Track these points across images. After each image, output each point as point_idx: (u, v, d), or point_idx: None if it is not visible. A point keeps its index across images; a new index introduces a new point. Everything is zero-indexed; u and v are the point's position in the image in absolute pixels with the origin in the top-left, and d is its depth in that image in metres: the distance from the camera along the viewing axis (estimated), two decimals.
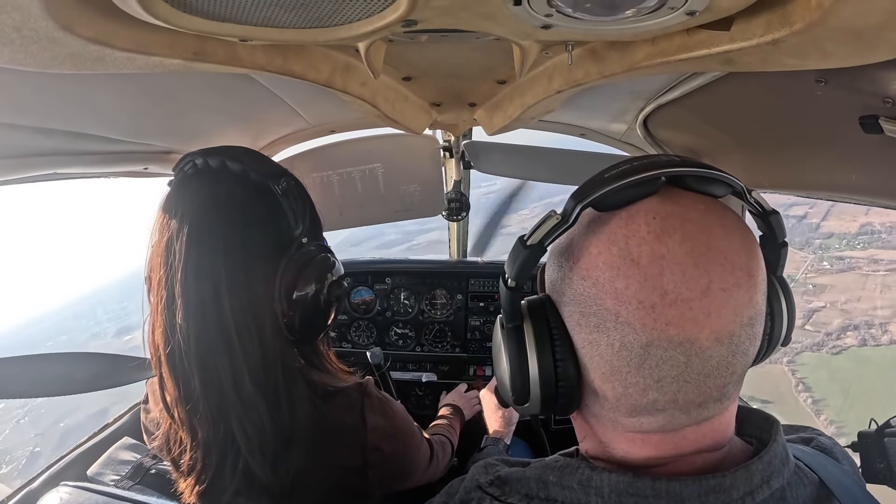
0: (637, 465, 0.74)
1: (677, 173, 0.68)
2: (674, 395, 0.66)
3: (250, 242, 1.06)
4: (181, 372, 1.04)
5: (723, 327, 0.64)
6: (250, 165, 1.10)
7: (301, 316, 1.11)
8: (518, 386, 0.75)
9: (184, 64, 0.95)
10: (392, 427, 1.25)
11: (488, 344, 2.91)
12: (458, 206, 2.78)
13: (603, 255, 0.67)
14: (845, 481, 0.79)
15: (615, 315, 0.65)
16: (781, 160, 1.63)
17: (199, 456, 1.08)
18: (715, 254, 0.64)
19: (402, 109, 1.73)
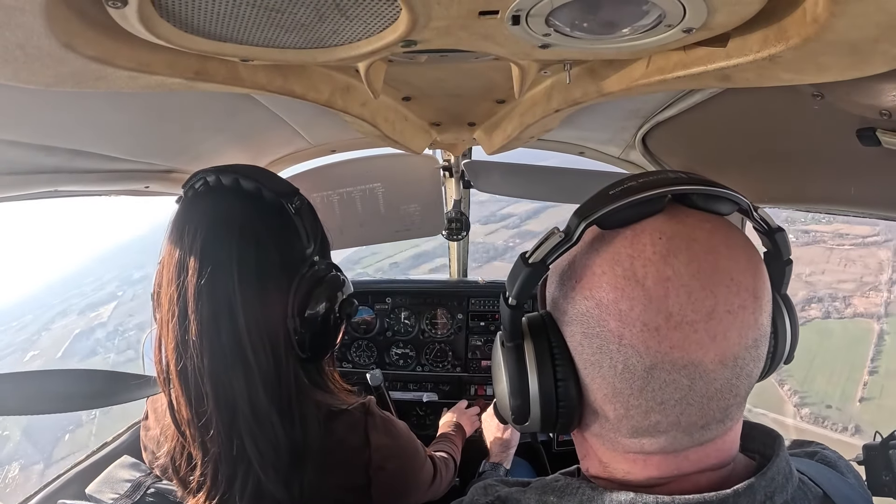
0: (638, 486, 0.72)
1: (683, 191, 0.67)
2: (677, 418, 0.65)
3: (264, 260, 1.06)
4: (194, 388, 1.04)
5: (727, 350, 0.63)
6: (264, 183, 1.10)
7: (312, 334, 1.11)
8: (518, 405, 0.73)
9: (185, 83, 0.95)
10: (396, 446, 1.25)
11: (489, 363, 2.88)
12: (458, 225, 2.77)
13: (607, 276, 0.65)
14: (850, 495, 0.78)
15: (618, 337, 0.64)
16: (780, 175, 1.64)
17: (210, 473, 1.07)
18: (721, 275, 0.63)
19: (402, 129, 1.74)
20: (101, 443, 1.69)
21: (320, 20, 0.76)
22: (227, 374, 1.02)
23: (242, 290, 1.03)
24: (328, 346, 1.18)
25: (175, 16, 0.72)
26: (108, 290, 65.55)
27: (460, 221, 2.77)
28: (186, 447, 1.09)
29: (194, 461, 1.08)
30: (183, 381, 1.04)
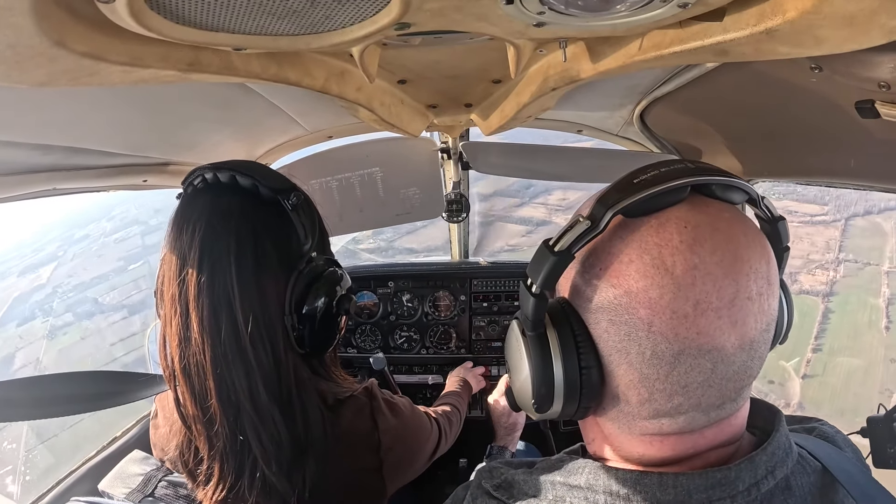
0: (654, 464, 0.74)
1: (706, 182, 0.69)
2: (698, 400, 0.68)
3: (261, 256, 1.07)
4: (197, 383, 1.05)
5: (746, 335, 0.66)
6: (260, 179, 1.10)
7: (310, 330, 1.11)
8: (542, 394, 0.74)
9: (179, 75, 0.95)
10: (402, 426, 1.28)
11: (493, 344, 2.91)
12: (457, 207, 2.77)
13: (635, 264, 0.67)
14: (849, 468, 0.79)
15: (648, 325, 0.65)
16: (779, 148, 1.63)
17: (217, 466, 1.09)
18: (741, 264, 0.65)
19: (398, 113, 1.73)
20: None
21: (312, 5, 0.76)
22: (228, 370, 1.04)
23: (241, 287, 1.03)
24: (328, 341, 1.19)
25: (165, 8, 0.71)
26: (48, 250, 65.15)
27: (460, 203, 2.77)
28: (194, 441, 1.11)
29: (201, 454, 1.10)
30: (187, 377, 1.06)
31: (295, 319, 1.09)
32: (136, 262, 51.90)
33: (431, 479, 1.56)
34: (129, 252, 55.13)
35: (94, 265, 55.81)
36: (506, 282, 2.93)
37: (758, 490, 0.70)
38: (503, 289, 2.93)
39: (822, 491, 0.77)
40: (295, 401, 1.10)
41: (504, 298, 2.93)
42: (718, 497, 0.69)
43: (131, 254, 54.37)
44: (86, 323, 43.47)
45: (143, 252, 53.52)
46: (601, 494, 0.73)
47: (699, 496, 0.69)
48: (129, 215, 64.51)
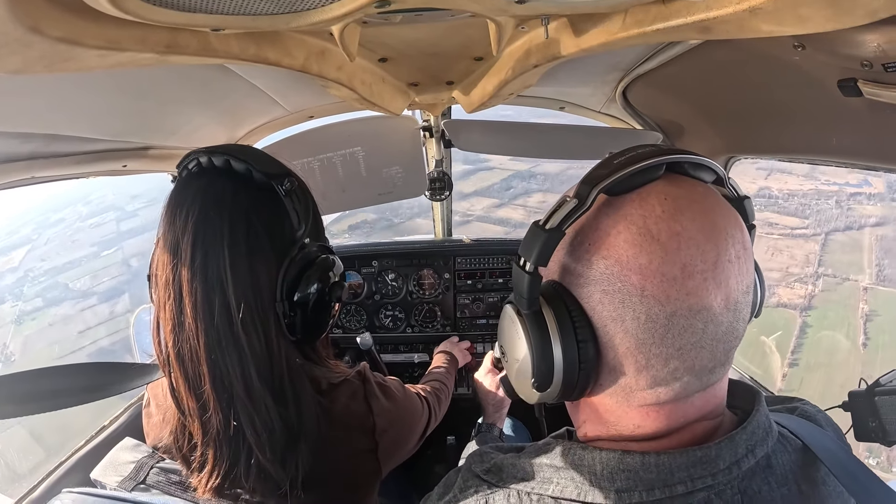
0: (644, 438, 0.76)
1: (679, 160, 0.74)
2: (692, 362, 0.70)
3: (253, 242, 1.06)
4: (191, 368, 1.05)
5: (730, 295, 0.69)
6: (254, 165, 1.09)
7: (302, 316, 1.11)
8: (543, 372, 0.76)
9: (157, 58, 0.93)
10: (395, 408, 1.30)
11: (478, 321, 2.93)
12: (440, 185, 2.76)
13: (623, 235, 0.70)
14: (829, 445, 0.82)
15: (641, 289, 0.68)
16: (761, 126, 1.65)
17: (211, 452, 1.09)
18: (719, 230, 0.69)
19: (379, 91, 1.72)
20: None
21: None
22: (221, 355, 1.03)
23: (233, 272, 1.03)
24: (320, 327, 1.19)
25: None
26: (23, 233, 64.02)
27: (442, 181, 2.77)
28: (188, 426, 1.11)
29: (195, 440, 1.10)
30: (181, 362, 1.05)
31: (287, 306, 1.08)
32: (109, 248, 51.23)
33: (421, 457, 1.58)
34: (103, 238, 54.35)
35: (67, 250, 55.01)
36: (489, 259, 2.94)
37: (738, 468, 0.73)
38: (487, 266, 2.94)
39: (803, 469, 0.80)
40: (287, 387, 1.10)
41: (488, 276, 2.94)
42: (700, 475, 0.71)
43: (105, 240, 53.62)
44: (54, 309, 42.97)
45: (117, 238, 52.75)
46: (586, 474, 0.75)
47: (681, 474, 0.71)
48: (106, 200, 63.46)
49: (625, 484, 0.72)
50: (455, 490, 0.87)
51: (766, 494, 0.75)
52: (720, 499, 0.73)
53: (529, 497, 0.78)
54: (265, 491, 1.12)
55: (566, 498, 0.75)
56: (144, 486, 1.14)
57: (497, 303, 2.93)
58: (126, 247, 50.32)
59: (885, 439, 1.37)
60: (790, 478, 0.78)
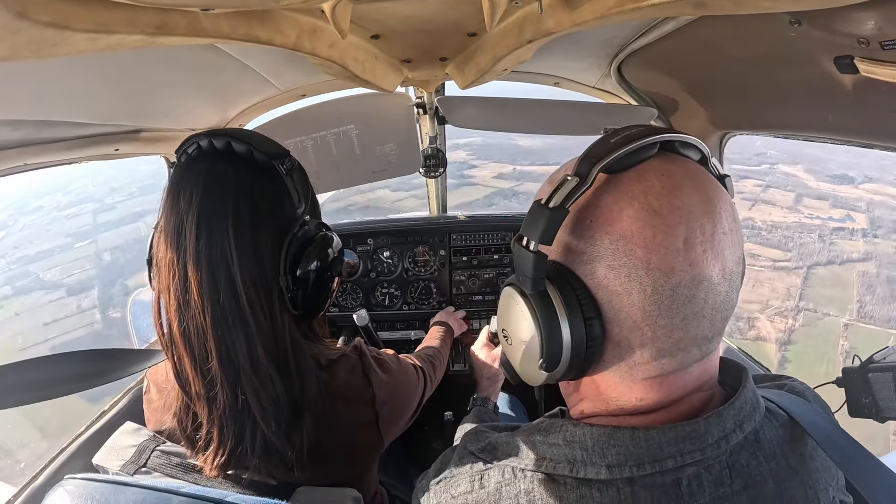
0: (647, 411, 0.78)
1: (671, 139, 0.77)
2: (695, 332, 0.73)
3: (257, 221, 1.08)
4: (197, 346, 1.07)
5: (726, 265, 0.73)
6: (255, 146, 1.10)
7: (304, 292, 1.14)
8: (552, 352, 0.76)
9: (146, 39, 0.92)
10: (393, 379, 1.33)
11: (474, 297, 2.94)
12: (434, 162, 2.75)
13: (626, 211, 0.72)
14: (816, 419, 0.84)
15: (646, 262, 0.70)
16: (757, 102, 1.64)
17: (217, 430, 1.12)
18: (714, 204, 0.73)
19: (372, 69, 1.70)
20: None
21: None
22: (228, 331, 1.06)
23: (238, 251, 1.05)
24: (321, 303, 1.21)
25: None
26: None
27: (437, 158, 2.75)
28: (192, 407, 1.13)
29: (200, 420, 1.13)
30: (186, 341, 1.08)
31: (290, 281, 1.11)
32: (83, 240, 50.84)
33: (418, 434, 1.60)
34: (78, 229, 53.94)
35: (42, 239, 54.66)
36: (484, 235, 2.95)
37: (727, 443, 0.75)
38: (482, 242, 2.94)
39: (790, 443, 0.82)
40: (291, 361, 1.12)
41: (483, 252, 2.94)
42: (689, 450, 0.73)
43: (80, 231, 53.21)
44: (22, 298, 42.76)
45: (92, 230, 52.26)
46: (578, 450, 0.77)
47: (670, 449, 0.73)
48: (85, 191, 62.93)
49: (615, 459, 0.74)
50: (451, 467, 0.90)
51: (754, 468, 0.77)
52: (709, 473, 0.75)
53: (524, 473, 0.80)
54: (270, 467, 1.15)
55: (559, 474, 0.77)
56: (146, 469, 1.16)
57: (493, 279, 2.93)
58: (100, 240, 50.11)
59: (879, 415, 1.39)
60: (778, 452, 0.80)
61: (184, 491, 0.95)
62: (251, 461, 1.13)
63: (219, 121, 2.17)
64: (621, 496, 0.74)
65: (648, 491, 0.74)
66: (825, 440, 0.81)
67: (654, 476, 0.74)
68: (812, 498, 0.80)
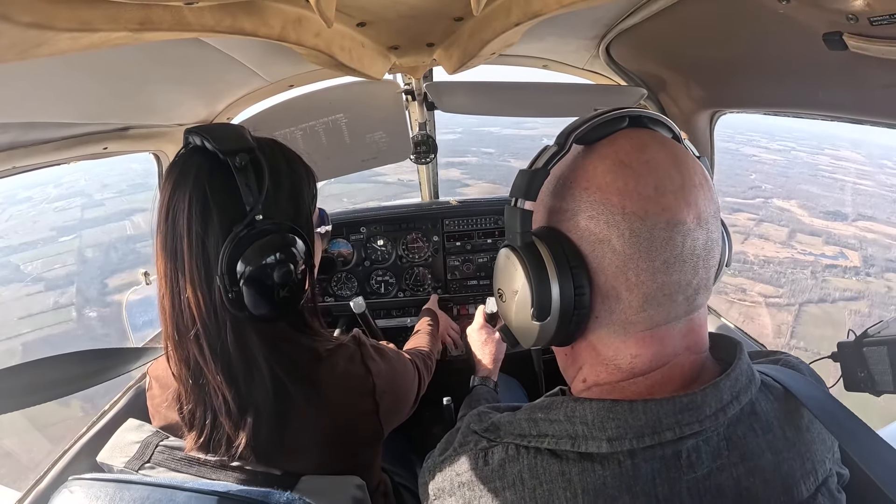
0: (640, 374, 0.81)
1: (640, 114, 0.83)
2: (678, 277, 0.76)
3: (206, 217, 1.07)
4: (171, 328, 1.12)
5: (700, 213, 0.76)
6: (218, 140, 1.08)
7: (247, 292, 1.08)
8: (541, 296, 0.80)
9: (130, 36, 0.91)
10: (391, 369, 1.35)
11: (469, 282, 2.96)
12: (425, 148, 2.74)
13: (599, 168, 0.78)
14: (813, 392, 0.86)
15: (622, 208, 0.75)
16: (747, 80, 1.64)
17: (199, 412, 1.16)
18: (682, 161, 0.78)
19: (359, 56, 1.69)
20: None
21: None
22: (182, 319, 1.10)
23: (188, 245, 1.07)
24: (279, 305, 1.14)
25: None
26: None
27: (427, 144, 2.74)
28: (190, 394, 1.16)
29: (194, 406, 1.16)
30: (176, 328, 1.11)
31: (227, 280, 1.06)
32: (68, 234, 50.33)
33: (418, 420, 1.61)
34: (64, 223, 53.34)
35: (27, 230, 54.16)
36: (477, 220, 2.95)
37: (724, 415, 0.76)
38: (475, 227, 2.95)
39: (787, 416, 0.83)
40: (236, 359, 1.12)
41: (476, 237, 2.95)
42: (687, 421, 0.75)
43: (66, 225, 52.63)
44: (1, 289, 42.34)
45: (78, 226, 51.67)
46: (579, 425, 0.78)
47: (669, 420, 0.75)
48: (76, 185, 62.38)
49: (615, 432, 0.76)
50: (456, 445, 0.92)
51: (751, 440, 0.79)
52: (707, 445, 0.77)
53: (527, 450, 0.82)
54: (268, 457, 1.17)
55: (561, 449, 0.79)
56: (151, 464, 1.17)
57: (486, 263, 2.95)
58: (85, 236, 49.56)
59: (874, 389, 1.40)
60: (775, 424, 0.81)
61: (188, 486, 0.96)
62: (232, 441, 1.14)
63: (207, 115, 2.16)
64: (622, 469, 0.76)
65: (649, 463, 0.76)
66: (821, 412, 0.83)
67: (655, 448, 0.75)
68: (809, 469, 0.81)
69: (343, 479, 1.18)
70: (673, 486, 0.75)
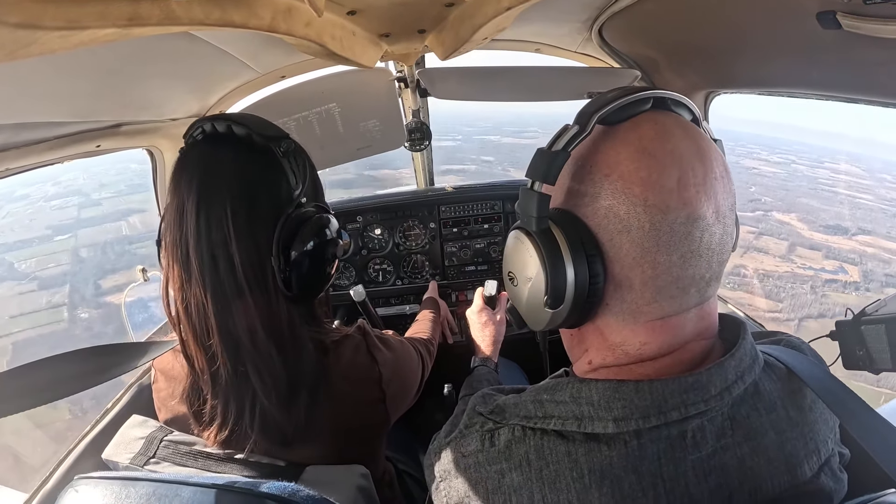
0: (648, 359, 0.81)
1: (664, 96, 0.82)
2: (692, 271, 0.76)
3: (254, 201, 1.11)
4: (198, 323, 1.12)
5: (719, 208, 0.76)
6: (253, 129, 1.14)
7: (297, 273, 1.15)
8: (557, 286, 0.80)
9: (119, 32, 0.90)
10: (396, 358, 1.37)
11: (467, 268, 2.97)
12: (419, 135, 2.72)
13: (622, 154, 0.77)
14: (815, 372, 0.86)
15: (644, 199, 0.74)
16: (740, 60, 1.63)
17: (221, 403, 1.17)
18: (704, 152, 0.77)
19: (350, 45, 1.67)
20: None
21: None
22: (227, 308, 1.10)
23: (235, 232, 1.08)
24: (316, 285, 1.22)
25: None
26: None
27: (421, 131, 2.73)
28: (198, 382, 1.19)
29: (205, 395, 1.18)
30: (189, 317, 1.13)
31: (282, 262, 1.12)
32: (64, 234, 50.00)
33: (420, 408, 1.62)
34: (61, 222, 52.98)
35: (22, 228, 53.87)
36: (473, 206, 2.95)
37: (729, 395, 0.77)
38: (471, 213, 2.95)
39: (790, 395, 0.84)
40: (287, 340, 1.16)
41: (473, 222, 2.95)
42: (693, 401, 0.75)
43: (63, 224, 52.26)
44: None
45: (74, 224, 51.32)
46: (585, 406, 0.79)
47: (674, 400, 0.75)
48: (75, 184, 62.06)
49: (621, 412, 0.76)
50: (461, 427, 0.93)
51: (754, 420, 0.80)
52: (712, 425, 0.78)
53: (533, 431, 0.83)
54: (275, 448, 1.20)
55: (567, 430, 0.80)
56: (156, 459, 1.18)
57: (484, 248, 2.95)
58: (80, 235, 49.03)
59: (873, 367, 1.41)
60: (778, 404, 0.82)
61: (193, 480, 0.96)
62: (251, 436, 1.17)
63: (199, 108, 2.14)
64: (629, 449, 0.76)
65: (655, 444, 0.76)
66: (823, 391, 0.83)
67: (661, 429, 0.76)
68: (812, 449, 0.82)
69: (347, 469, 1.20)
70: (678, 466, 0.76)
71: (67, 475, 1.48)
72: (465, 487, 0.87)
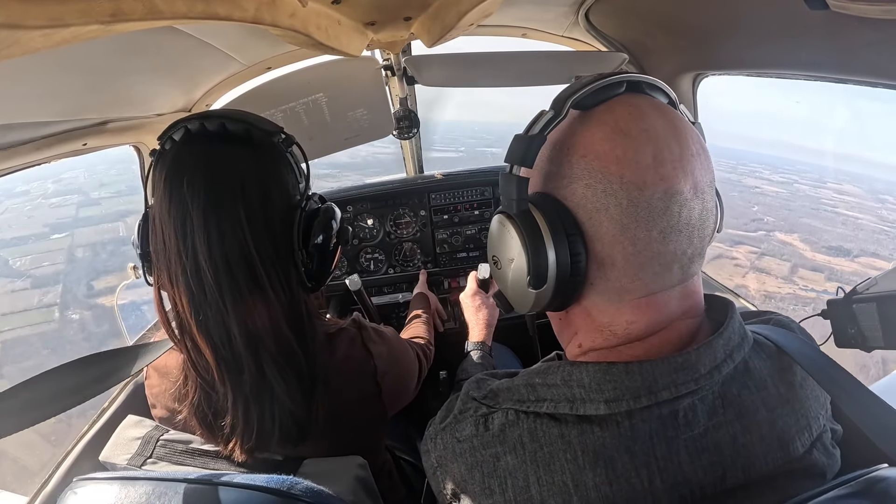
0: (637, 339, 0.82)
1: (638, 79, 0.83)
2: (673, 247, 0.76)
3: (267, 201, 1.08)
4: (217, 333, 1.08)
5: (697, 184, 0.76)
6: (252, 124, 1.10)
7: (316, 264, 1.16)
8: (538, 264, 0.80)
9: (103, 29, 0.89)
10: (392, 351, 1.36)
11: (458, 255, 2.97)
12: (407, 123, 2.71)
13: (597, 134, 0.77)
14: (802, 348, 0.87)
15: (620, 177, 0.74)
16: (728, 42, 1.64)
17: (242, 413, 1.14)
18: (679, 131, 0.77)
19: (336, 34, 1.66)
20: None
21: None
22: (249, 312, 1.08)
23: (252, 232, 1.05)
24: (327, 273, 1.23)
25: None
26: None
27: (409, 119, 2.72)
28: (212, 394, 1.16)
29: (219, 406, 1.16)
30: (204, 330, 1.08)
31: (304, 255, 1.13)
32: (61, 232, 49.44)
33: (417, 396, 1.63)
34: (58, 220, 52.23)
35: (20, 224, 53.29)
36: (463, 192, 2.95)
37: (719, 373, 0.78)
38: (461, 199, 2.95)
39: (780, 373, 0.85)
40: (308, 332, 1.17)
41: (463, 209, 2.95)
42: (683, 381, 0.76)
43: (60, 223, 51.53)
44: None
45: (72, 223, 50.64)
46: (576, 388, 0.80)
47: (664, 380, 0.76)
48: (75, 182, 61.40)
49: (612, 394, 0.77)
50: (455, 413, 0.94)
51: (745, 398, 0.81)
52: (703, 404, 0.79)
53: (527, 415, 0.84)
54: (287, 444, 1.19)
55: (560, 412, 0.81)
56: (153, 459, 1.17)
57: (475, 234, 2.95)
58: (77, 234, 47.91)
59: (865, 345, 1.42)
60: (768, 381, 0.83)
61: (192, 478, 0.97)
62: (273, 437, 1.16)
63: (185, 103, 2.13)
64: (621, 430, 0.77)
65: (647, 423, 0.77)
66: (813, 368, 0.84)
67: (652, 409, 0.77)
68: (804, 425, 0.83)
69: (346, 460, 1.20)
70: (671, 445, 0.77)
71: (67, 477, 1.48)
72: (461, 472, 0.88)
